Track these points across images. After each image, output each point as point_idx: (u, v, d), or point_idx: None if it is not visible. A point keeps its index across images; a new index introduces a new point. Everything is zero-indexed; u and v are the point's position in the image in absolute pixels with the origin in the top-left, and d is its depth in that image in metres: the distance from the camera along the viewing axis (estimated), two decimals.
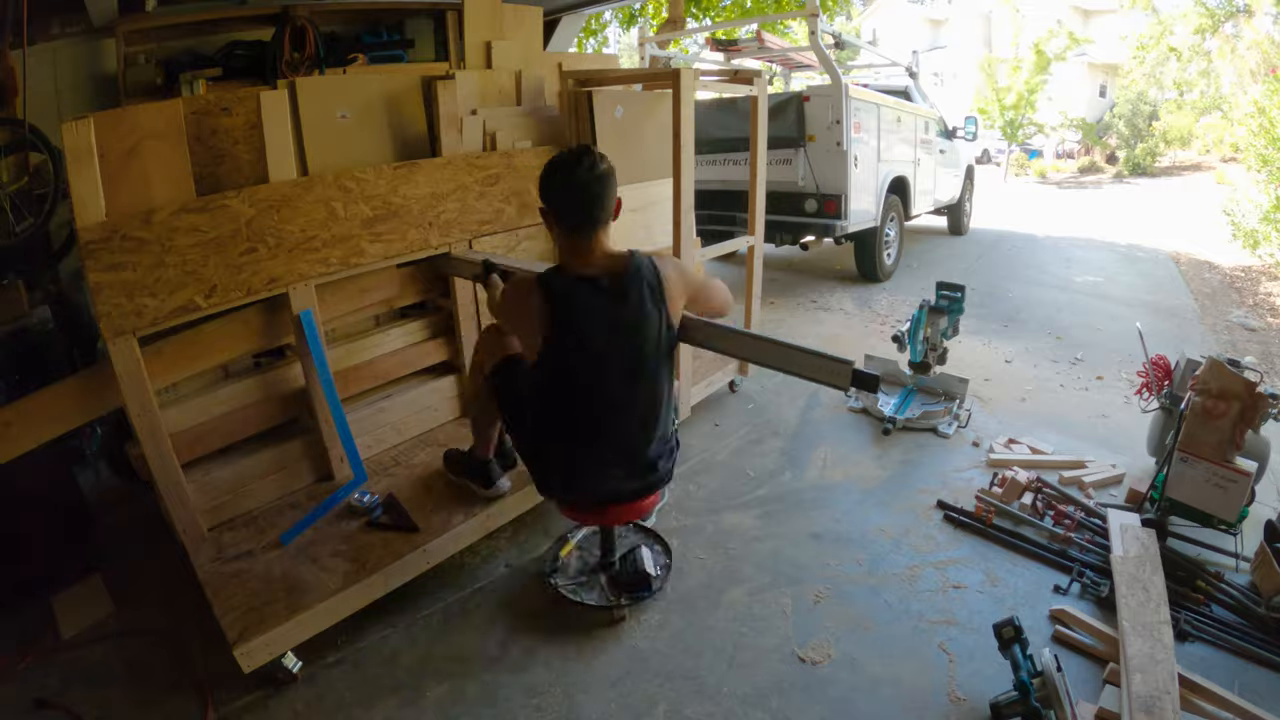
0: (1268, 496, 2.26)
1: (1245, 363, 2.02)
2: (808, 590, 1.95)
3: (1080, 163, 18.43)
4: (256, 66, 3.21)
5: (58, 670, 1.73)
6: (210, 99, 2.20)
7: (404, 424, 2.42)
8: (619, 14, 8.19)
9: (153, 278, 1.72)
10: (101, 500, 2.39)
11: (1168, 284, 5.80)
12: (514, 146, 2.57)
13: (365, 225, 2.13)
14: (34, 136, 2.64)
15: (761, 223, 2.94)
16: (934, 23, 24.52)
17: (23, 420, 1.70)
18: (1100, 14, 19.71)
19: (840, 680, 1.65)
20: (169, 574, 1.96)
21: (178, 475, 1.84)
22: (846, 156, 4.64)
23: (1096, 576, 1.91)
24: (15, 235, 2.62)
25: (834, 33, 5.36)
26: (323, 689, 1.66)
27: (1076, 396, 3.28)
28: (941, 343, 3.07)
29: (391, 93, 2.32)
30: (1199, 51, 13.03)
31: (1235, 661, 1.66)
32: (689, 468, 2.59)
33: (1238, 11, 11.45)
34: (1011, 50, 15.66)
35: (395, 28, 3.83)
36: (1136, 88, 17.61)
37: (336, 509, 2.03)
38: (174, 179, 1.83)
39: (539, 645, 1.78)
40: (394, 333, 2.41)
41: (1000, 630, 1.54)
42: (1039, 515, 2.22)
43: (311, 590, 1.71)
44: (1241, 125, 6.95)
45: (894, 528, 2.22)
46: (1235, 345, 4.24)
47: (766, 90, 2.84)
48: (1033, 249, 7.19)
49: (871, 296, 5.12)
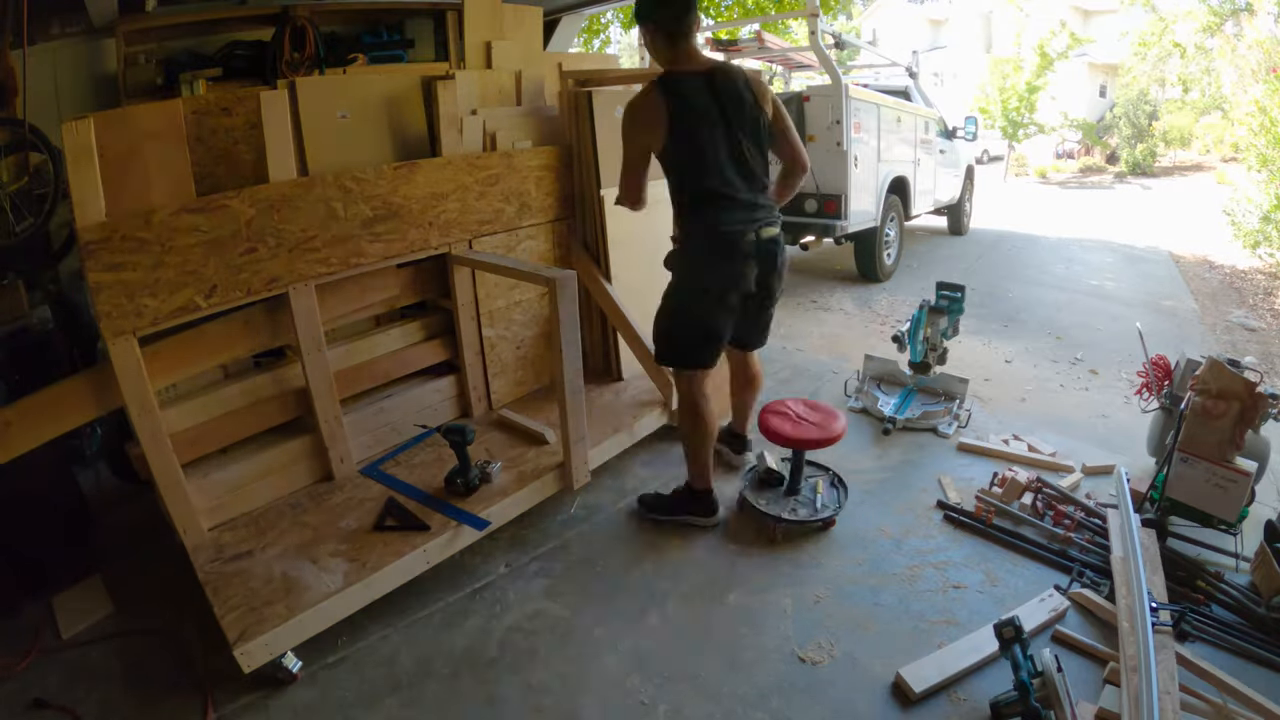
0: (1268, 496, 2.26)
1: (1245, 363, 2.02)
2: (808, 590, 1.95)
3: (1080, 163, 18.43)
4: (256, 66, 3.20)
5: (58, 670, 1.73)
6: (210, 99, 2.20)
7: (404, 424, 2.42)
8: (619, 14, 8.19)
9: (153, 278, 1.72)
10: (101, 500, 2.39)
11: (1168, 284, 5.80)
12: (514, 146, 2.57)
13: (365, 225, 2.13)
14: (34, 136, 2.63)
15: None
16: (934, 23, 24.50)
17: (23, 420, 1.70)
18: (1100, 14, 19.69)
19: (840, 680, 1.66)
20: (169, 574, 1.96)
21: (178, 475, 1.84)
22: (846, 156, 4.64)
23: (1096, 576, 1.91)
24: (15, 235, 2.62)
25: (834, 33, 5.36)
26: (323, 689, 1.66)
27: (1076, 396, 3.28)
28: (941, 343, 3.07)
29: (391, 93, 2.32)
30: (1201, 49, 13.02)
31: (1235, 661, 1.65)
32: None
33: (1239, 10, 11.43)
34: (1014, 50, 15.65)
35: (395, 28, 3.82)
36: (1137, 86, 17.59)
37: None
38: (174, 179, 1.83)
39: (539, 645, 1.78)
40: (394, 333, 2.41)
41: (1000, 630, 1.54)
42: (1039, 515, 2.22)
43: (311, 590, 1.71)
44: (1242, 125, 6.95)
45: (894, 528, 2.22)
46: (1235, 345, 4.24)
47: None
48: (1033, 249, 7.18)
49: (871, 296, 5.12)
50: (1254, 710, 1.48)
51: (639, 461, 2.62)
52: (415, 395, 2.46)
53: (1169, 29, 13.70)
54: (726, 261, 1.94)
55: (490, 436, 2.44)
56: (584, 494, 2.40)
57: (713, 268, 1.96)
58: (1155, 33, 14.17)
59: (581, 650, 1.77)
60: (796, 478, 2.28)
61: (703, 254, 1.97)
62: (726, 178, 1.90)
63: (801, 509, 2.22)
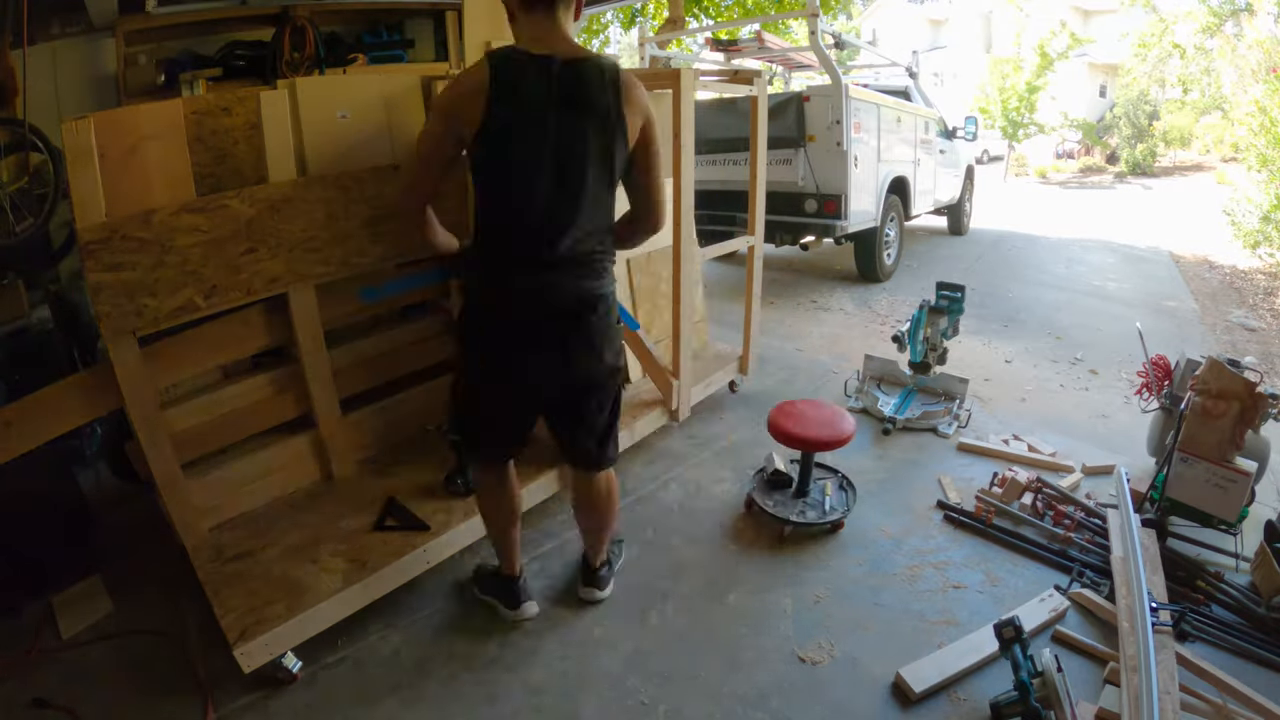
0: (1268, 496, 2.26)
1: (1245, 363, 2.02)
2: (808, 590, 1.95)
3: (1081, 163, 18.43)
4: (256, 66, 3.21)
5: (58, 670, 1.73)
6: (210, 99, 2.20)
7: (404, 424, 2.42)
8: (619, 14, 8.20)
9: (153, 278, 1.71)
10: (101, 500, 2.39)
11: (1168, 284, 5.81)
12: None
13: (365, 225, 2.12)
14: (34, 136, 2.64)
15: (761, 223, 2.94)
16: (934, 23, 24.51)
17: (23, 420, 1.70)
18: (1100, 14, 19.70)
19: (840, 680, 1.66)
20: (169, 574, 1.96)
21: (178, 475, 1.84)
22: (846, 156, 4.64)
23: (1096, 576, 1.91)
24: (15, 235, 2.62)
25: (834, 33, 5.36)
26: (323, 689, 1.66)
27: (1076, 397, 3.28)
28: (941, 343, 3.07)
29: (391, 93, 2.32)
30: (1201, 49, 13.03)
31: (1235, 661, 1.66)
32: (691, 467, 2.59)
33: (1239, 10, 11.44)
34: (1014, 50, 15.66)
35: (395, 28, 3.83)
36: (1137, 86, 17.59)
37: None
38: (174, 179, 1.83)
39: (539, 645, 1.78)
40: (394, 333, 2.41)
41: (1000, 630, 1.54)
42: (1039, 515, 2.22)
43: (311, 590, 1.71)
44: (1242, 125, 6.96)
45: (894, 528, 2.22)
46: (1235, 345, 4.24)
47: (766, 90, 2.84)
48: (1033, 249, 7.19)
49: (871, 296, 5.12)
50: (1254, 710, 1.48)
51: (639, 461, 2.62)
52: (415, 395, 2.46)
53: (1169, 29, 13.71)
54: (496, 336, 1.46)
55: None
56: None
57: (479, 339, 1.49)
58: (1155, 33, 14.18)
59: (581, 650, 1.76)
60: (806, 480, 2.28)
61: (473, 313, 1.49)
62: (533, 212, 1.37)
63: (810, 511, 2.22)
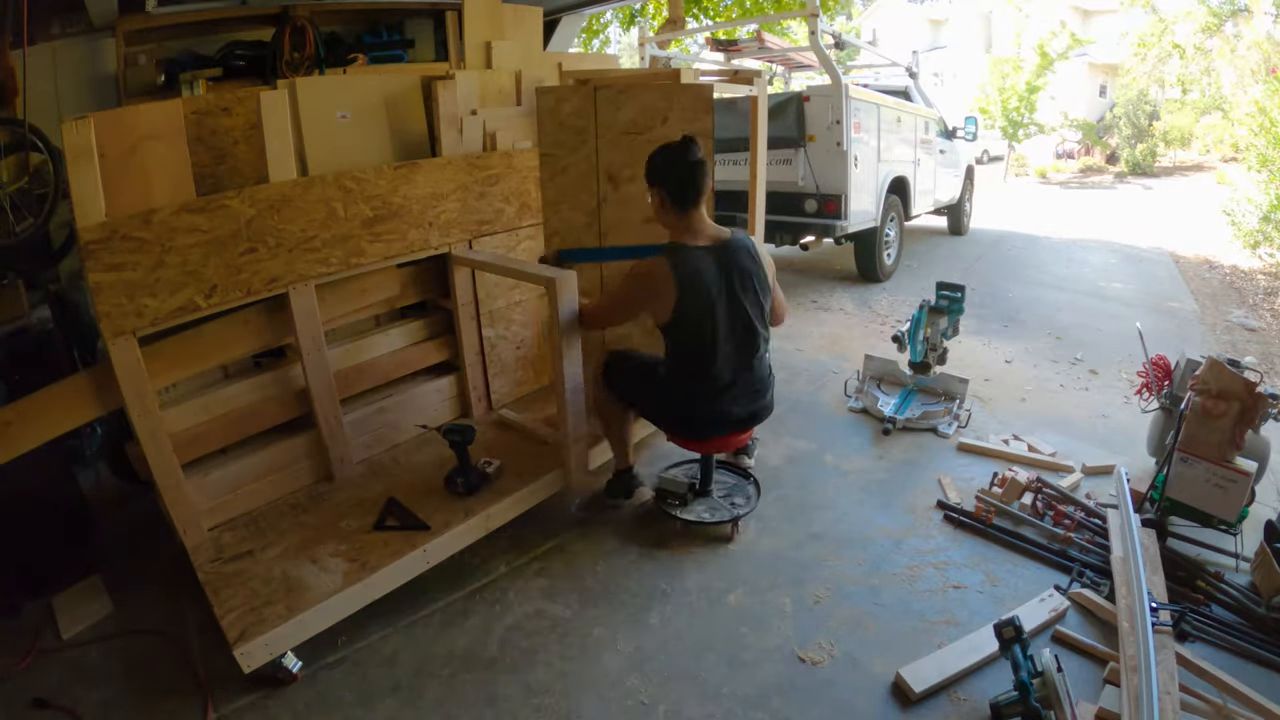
0: (1268, 496, 2.25)
1: (1245, 363, 2.02)
2: (808, 590, 1.95)
3: (1081, 163, 18.42)
4: (256, 66, 3.21)
5: (58, 670, 1.73)
6: (210, 99, 2.21)
7: (404, 424, 2.42)
8: (619, 14, 8.20)
9: (153, 278, 1.72)
10: (101, 500, 2.39)
11: (1168, 284, 5.80)
12: (514, 147, 2.57)
13: (365, 225, 2.13)
14: (34, 136, 2.64)
15: (761, 223, 2.94)
16: (934, 23, 24.49)
17: (23, 420, 1.70)
18: (1100, 14, 19.69)
19: (840, 680, 1.65)
20: (169, 574, 1.96)
21: (178, 475, 1.84)
22: (846, 156, 4.63)
23: (1096, 576, 1.91)
24: (15, 235, 2.62)
25: (834, 33, 5.36)
26: (323, 689, 1.66)
27: (1076, 397, 3.27)
28: (941, 343, 3.07)
29: (391, 93, 2.32)
30: (1201, 49, 13.03)
31: (1235, 661, 1.65)
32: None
33: (1238, 11, 11.44)
34: (1014, 50, 15.66)
35: (395, 28, 3.83)
36: (1137, 86, 17.58)
37: None
38: (174, 179, 1.84)
39: (539, 645, 1.78)
40: (394, 333, 2.42)
41: (1000, 630, 1.54)
42: (1039, 515, 2.22)
43: (311, 590, 1.71)
44: (1242, 125, 6.96)
45: (894, 528, 2.22)
46: (1235, 345, 4.24)
47: (766, 90, 2.84)
48: (1033, 249, 7.18)
49: (871, 296, 5.11)
50: (1254, 710, 1.48)
51: (640, 461, 2.62)
52: (415, 395, 2.46)
53: (1169, 30, 13.71)
54: (698, 419, 2.04)
55: (490, 436, 2.44)
56: (584, 493, 2.40)
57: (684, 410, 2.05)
58: (1155, 33, 14.17)
59: (581, 650, 1.76)
60: (707, 481, 2.30)
61: (681, 397, 2.02)
62: (721, 360, 1.93)
63: (712, 512, 2.23)
